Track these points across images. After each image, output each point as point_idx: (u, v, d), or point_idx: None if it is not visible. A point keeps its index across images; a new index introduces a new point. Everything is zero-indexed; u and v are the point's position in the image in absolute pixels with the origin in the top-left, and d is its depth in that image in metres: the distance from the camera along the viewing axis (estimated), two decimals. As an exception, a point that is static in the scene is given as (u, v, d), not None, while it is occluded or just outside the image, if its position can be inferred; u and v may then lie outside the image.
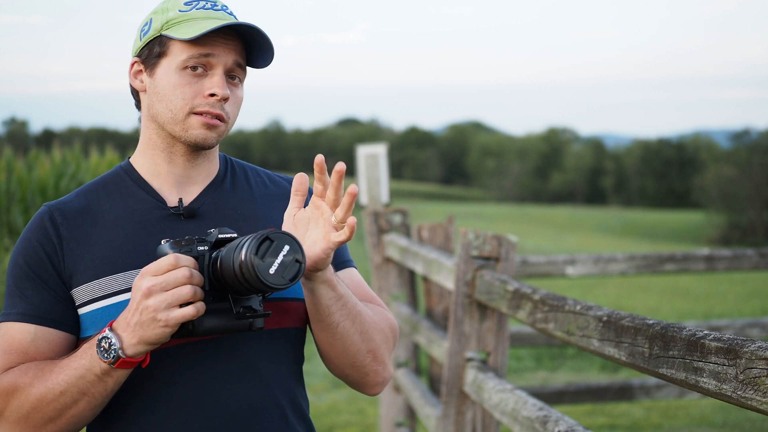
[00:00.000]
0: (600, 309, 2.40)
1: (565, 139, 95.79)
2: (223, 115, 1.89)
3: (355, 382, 2.01)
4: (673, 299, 13.13)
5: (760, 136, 59.86)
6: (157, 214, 1.93)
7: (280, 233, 1.70)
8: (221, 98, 1.88)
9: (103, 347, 1.73)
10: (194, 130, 1.90)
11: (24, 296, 1.87)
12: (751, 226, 45.27)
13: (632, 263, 5.35)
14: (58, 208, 1.93)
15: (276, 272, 1.69)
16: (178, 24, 1.89)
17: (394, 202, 17.98)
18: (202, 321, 1.75)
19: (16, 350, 1.85)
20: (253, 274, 1.67)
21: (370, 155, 8.77)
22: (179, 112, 1.89)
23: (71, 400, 1.77)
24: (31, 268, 1.88)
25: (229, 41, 1.89)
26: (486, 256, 3.56)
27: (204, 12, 1.91)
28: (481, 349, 3.61)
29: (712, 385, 1.75)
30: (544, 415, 2.73)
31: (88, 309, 1.87)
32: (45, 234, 1.90)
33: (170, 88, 1.89)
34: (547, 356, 9.10)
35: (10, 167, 13.79)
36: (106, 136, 67.04)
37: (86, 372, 1.75)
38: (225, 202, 1.99)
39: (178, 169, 1.96)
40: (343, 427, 6.91)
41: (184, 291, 1.69)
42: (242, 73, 1.93)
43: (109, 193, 1.96)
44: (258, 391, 1.90)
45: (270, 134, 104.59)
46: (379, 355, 1.97)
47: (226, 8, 1.95)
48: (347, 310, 1.88)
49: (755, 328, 5.86)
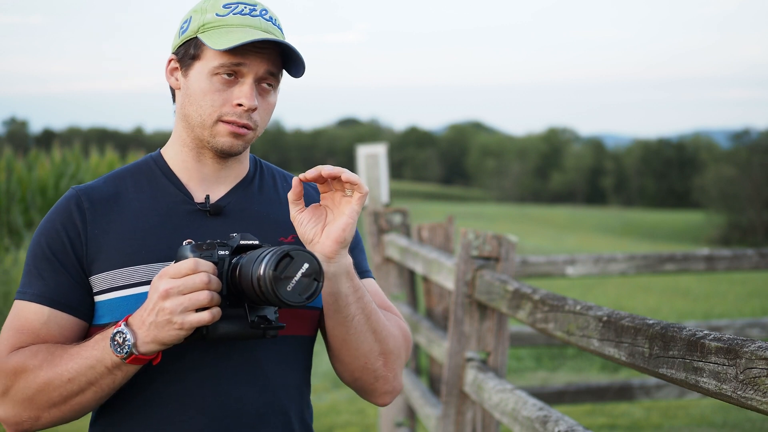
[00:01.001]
0: (600, 309, 2.40)
1: (565, 139, 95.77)
2: (250, 125, 1.90)
3: (364, 388, 2.00)
4: (673, 299, 13.13)
5: (760, 136, 59.84)
6: (183, 209, 1.93)
7: (300, 250, 1.71)
8: (248, 109, 1.88)
9: (117, 341, 1.74)
10: (221, 137, 1.90)
11: (41, 277, 1.87)
12: (751, 226, 45.25)
13: (632, 263, 5.35)
14: (86, 193, 1.93)
15: (293, 290, 1.70)
16: (213, 29, 1.88)
17: (394, 202, 17.98)
18: (216, 326, 1.76)
19: (28, 330, 1.85)
20: (270, 290, 1.68)
21: (370, 155, 8.77)
22: (207, 119, 1.89)
23: (78, 388, 1.78)
24: (52, 251, 1.88)
25: (263, 51, 1.88)
26: (486, 256, 3.56)
27: (240, 18, 1.89)
28: (481, 349, 3.61)
29: (712, 385, 1.75)
30: (544, 415, 2.73)
31: (105, 297, 1.87)
32: (69, 218, 1.90)
33: (201, 93, 1.89)
34: (547, 356, 9.09)
35: (10, 167, 13.80)
36: (106, 136, 67.08)
37: (97, 363, 1.76)
38: (251, 202, 1.99)
39: (207, 169, 1.97)
40: (343, 427, 6.91)
41: (201, 296, 1.69)
42: (275, 80, 1.93)
43: (137, 182, 1.96)
44: (265, 397, 1.91)
45: (270, 134, 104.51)
46: (391, 362, 1.97)
47: (265, 13, 1.93)
48: (363, 305, 1.89)
49: (755, 328, 5.86)
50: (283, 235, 1.97)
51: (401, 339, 2.01)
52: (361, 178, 8.83)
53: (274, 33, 1.91)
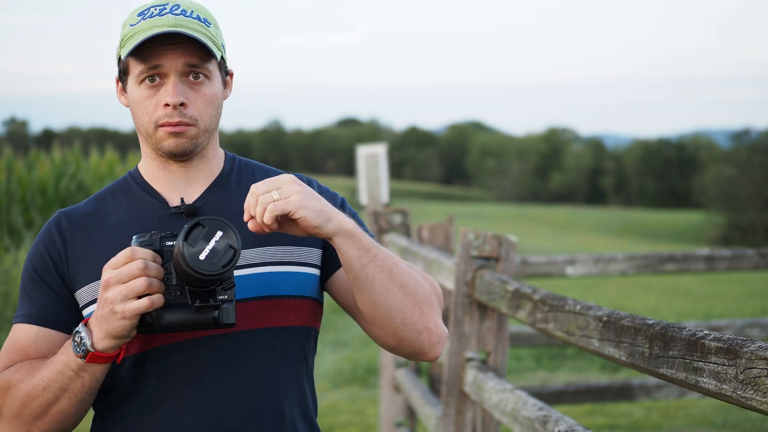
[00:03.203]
0: (600, 309, 2.40)
1: (565, 139, 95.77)
2: (185, 121, 1.89)
3: (412, 346, 1.93)
4: (673, 299, 13.14)
5: (760, 136, 59.84)
6: (158, 214, 1.95)
7: (212, 219, 1.69)
8: (174, 106, 1.87)
9: (75, 341, 1.77)
10: (164, 141, 1.91)
11: (30, 299, 1.93)
12: (751, 226, 45.26)
13: (632, 263, 5.35)
14: (67, 214, 1.98)
15: (207, 259, 1.67)
16: (128, 40, 1.89)
17: (394, 202, 17.97)
18: (162, 315, 1.75)
19: (18, 349, 1.90)
20: (184, 261, 1.66)
21: (370, 155, 8.76)
22: (148, 127, 1.91)
23: (53, 396, 1.81)
24: (37, 272, 1.94)
25: (175, 46, 1.87)
26: (486, 256, 3.56)
27: (150, 22, 1.88)
28: (481, 349, 3.61)
29: (712, 385, 1.75)
30: (544, 415, 2.73)
31: (90, 310, 1.89)
32: (51, 239, 1.95)
33: (136, 105, 1.91)
34: (547, 356, 9.10)
35: (10, 167, 13.79)
36: (106, 136, 67.03)
37: (64, 367, 1.79)
38: (228, 199, 1.98)
39: (174, 174, 1.98)
40: (343, 427, 6.91)
41: (138, 283, 1.70)
42: (204, 69, 1.90)
43: (116, 198, 2.00)
44: (253, 391, 1.90)
45: (270, 134, 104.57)
46: (426, 310, 1.91)
47: (176, 8, 1.90)
48: (380, 262, 1.84)
49: (755, 328, 5.86)
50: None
51: (429, 288, 1.94)
52: (361, 178, 8.82)
53: (186, 24, 1.88)
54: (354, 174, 9.91)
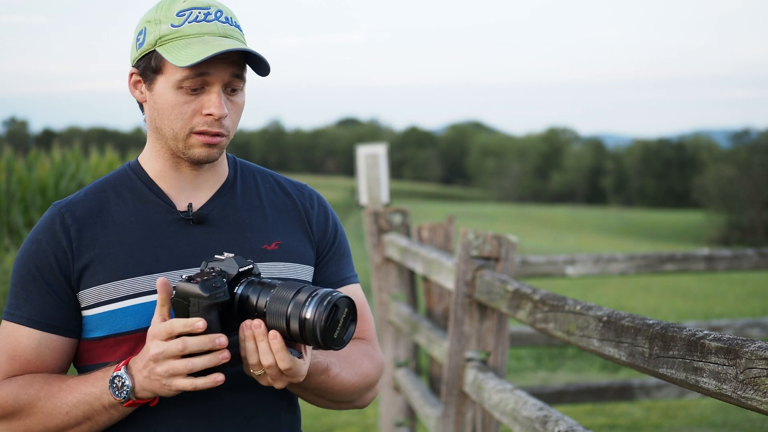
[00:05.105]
0: (600, 309, 2.40)
1: (565, 139, 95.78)
2: (222, 132, 1.88)
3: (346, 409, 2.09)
4: (673, 299, 13.13)
5: (760, 136, 59.85)
6: (166, 218, 1.93)
7: (342, 297, 1.73)
8: (219, 118, 1.86)
9: (116, 385, 1.77)
10: (196, 148, 1.88)
11: (29, 299, 1.88)
12: (751, 226, 45.26)
13: (632, 263, 5.34)
14: (69, 209, 1.92)
15: (338, 336, 1.74)
16: (171, 42, 1.84)
17: (394, 202, 17.96)
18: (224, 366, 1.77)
19: (21, 357, 1.87)
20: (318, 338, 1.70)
21: (370, 155, 8.75)
22: (180, 132, 1.87)
23: (74, 421, 1.81)
24: (39, 272, 1.88)
25: (226, 57, 1.85)
26: (486, 256, 3.56)
27: (197, 26, 1.85)
28: (481, 349, 3.61)
29: (712, 385, 1.75)
30: (544, 415, 2.73)
31: (94, 312, 1.88)
32: (55, 237, 1.89)
33: (169, 107, 1.86)
34: (547, 356, 9.09)
35: (10, 167, 13.78)
36: (106, 136, 66.94)
37: (95, 401, 1.80)
38: (234, 209, 1.98)
39: (185, 177, 1.96)
40: (343, 427, 6.91)
41: (178, 366, 1.71)
42: (241, 81, 1.90)
43: (119, 194, 1.95)
44: (254, 390, 1.91)
45: (270, 134, 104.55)
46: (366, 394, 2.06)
47: (220, 14, 1.89)
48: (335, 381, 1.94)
49: (755, 328, 5.86)
50: (267, 242, 1.97)
51: (374, 372, 2.05)
52: (361, 178, 8.82)
53: (232, 35, 1.87)
54: (354, 174, 9.95)
